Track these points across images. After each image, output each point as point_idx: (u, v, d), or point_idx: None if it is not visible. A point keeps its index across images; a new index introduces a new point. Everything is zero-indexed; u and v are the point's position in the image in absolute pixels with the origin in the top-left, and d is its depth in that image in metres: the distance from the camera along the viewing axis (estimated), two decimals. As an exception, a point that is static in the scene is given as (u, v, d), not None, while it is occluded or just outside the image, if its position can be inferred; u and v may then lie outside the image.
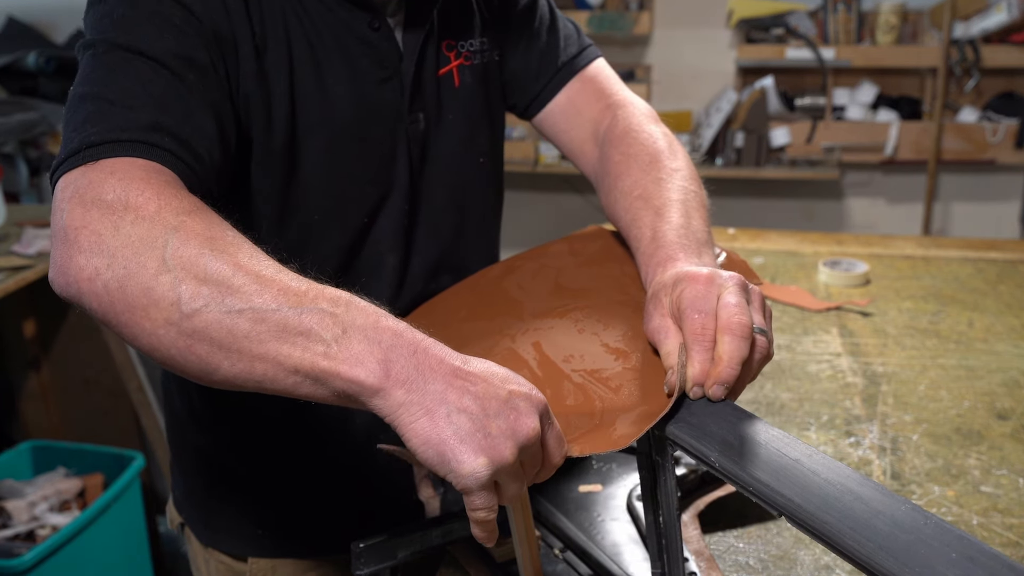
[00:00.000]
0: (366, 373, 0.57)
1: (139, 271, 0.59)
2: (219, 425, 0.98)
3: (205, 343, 0.58)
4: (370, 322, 0.59)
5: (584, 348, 0.78)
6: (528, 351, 0.79)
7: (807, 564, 0.87)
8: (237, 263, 0.60)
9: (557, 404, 0.71)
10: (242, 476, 0.99)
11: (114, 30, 0.75)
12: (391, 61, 0.90)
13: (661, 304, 0.71)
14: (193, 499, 1.03)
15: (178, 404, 1.00)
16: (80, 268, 0.61)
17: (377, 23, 0.88)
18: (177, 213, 0.62)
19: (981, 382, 1.26)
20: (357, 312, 0.59)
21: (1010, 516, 0.94)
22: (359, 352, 0.57)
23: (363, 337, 0.58)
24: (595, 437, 0.67)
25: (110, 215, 0.61)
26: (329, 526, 1.00)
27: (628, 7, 3.69)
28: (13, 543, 1.99)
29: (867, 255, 1.86)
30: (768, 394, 1.23)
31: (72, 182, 0.65)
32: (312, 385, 0.58)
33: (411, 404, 0.57)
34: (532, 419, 0.59)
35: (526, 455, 0.59)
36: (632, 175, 0.90)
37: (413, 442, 0.57)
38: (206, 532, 1.02)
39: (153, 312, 0.59)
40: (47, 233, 2.27)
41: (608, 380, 0.72)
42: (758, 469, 0.59)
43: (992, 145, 3.51)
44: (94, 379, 2.60)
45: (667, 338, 0.69)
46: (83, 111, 0.70)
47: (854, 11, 3.52)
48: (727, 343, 0.65)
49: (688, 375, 0.65)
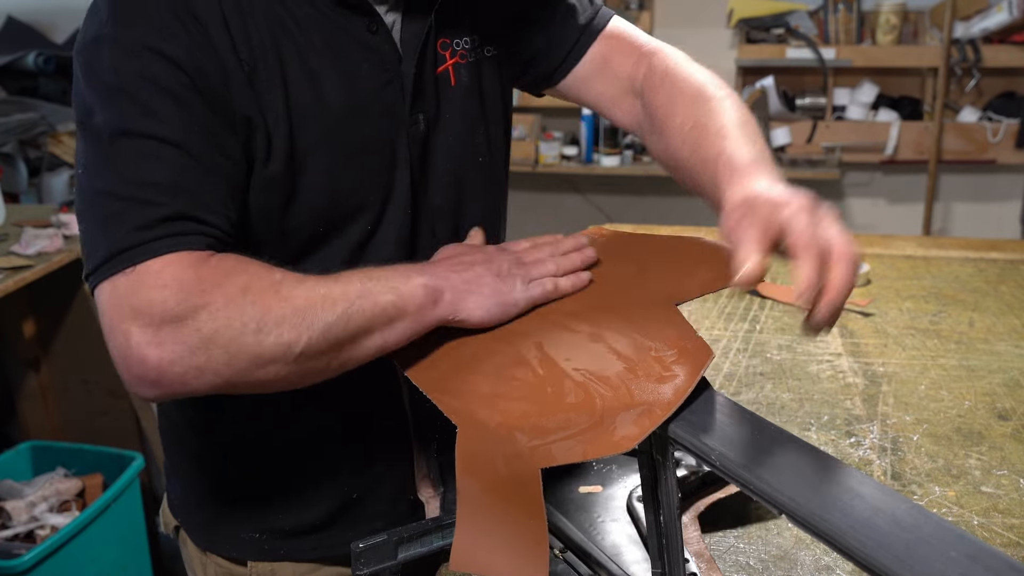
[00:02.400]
0: (423, 297, 0.79)
1: (242, 348, 0.71)
2: (217, 430, 0.97)
3: (318, 360, 0.75)
4: (387, 270, 0.80)
5: (585, 348, 0.78)
6: (530, 350, 0.79)
7: (807, 564, 0.87)
8: (304, 296, 0.75)
9: (558, 402, 0.71)
10: (241, 480, 0.98)
11: (109, 109, 0.76)
12: (391, 63, 0.88)
13: (755, 212, 0.71)
14: (190, 503, 1.02)
15: (174, 410, 0.99)
16: (181, 375, 0.71)
17: (375, 26, 0.87)
18: (237, 287, 0.73)
19: (982, 382, 1.26)
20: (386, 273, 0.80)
21: (1011, 516, 0.94)
22: (414, 288, 0.79)
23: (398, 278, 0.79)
24: (597, 439, 0.67)
25: (185, 322, 0.70)
26: (329, 529, 0.99)
27: (628, 7, 3.69)
28: (12, 543, 1.99)
29: (868, 255, 1.86)
30: (768, 394, 1.23)
31: (119, 295, 0.72)
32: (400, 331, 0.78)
33: (453, 301, 0.81)
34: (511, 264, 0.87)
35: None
36: (681, 112, 0.92)
37: (479, 318, 0.82)
38: (204, 536, 1.01)
39: (270, 368, 0.73)
40: (47, 233, 2.27)
41: (609, 379, 0.72)
42: (759, 467, 0.59)
43: (993, 145, 3.51)
44: (94, 379, 2.60)
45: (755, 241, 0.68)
46: (100, 208, 0.75)
47: (854, 11, 3.52)
48: (842, 269, 0.67)
49: (799, 280, 0.66)
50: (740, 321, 1.51)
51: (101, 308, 0.73)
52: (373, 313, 0.77)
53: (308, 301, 0.74)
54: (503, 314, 0.83)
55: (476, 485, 0.66)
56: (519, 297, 0.84)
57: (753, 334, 1.45)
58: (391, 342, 0.79)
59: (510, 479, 0.66)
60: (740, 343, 1.41)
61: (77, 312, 2.52)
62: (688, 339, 0.75)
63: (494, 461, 0.67)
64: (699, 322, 1.51)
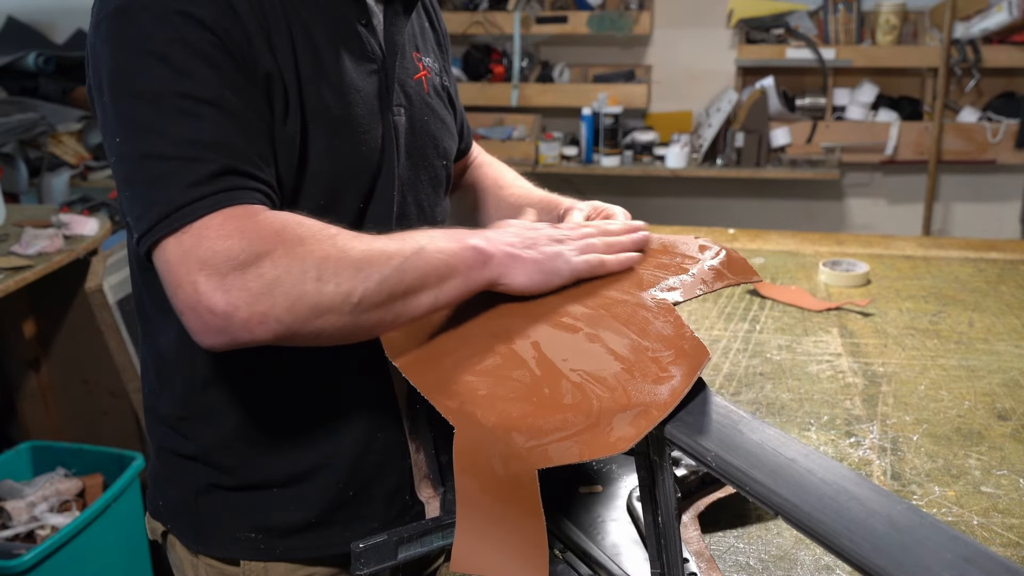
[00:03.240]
0: (472, 260, 0.82)
1: (303, 295, 0.73)
2: (208, 430, 0.96)
3: (373, 312, 0.77)
4: (436, 231, 0.83)
5: (582, 349, 0.78)
6: (527, 350, 0.79)
7: (807, 564, 0.87)
8: (361, 249, 0.77)
9: (555, 403, 0.71)
10: (233, 480, 0.97)
11: (145, 73, 0.78)
12: (376, 55, 0.95)
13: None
14: (182, 505, 1.01)
15: (164, 411, 0.99)
16: (246, 320, 0.73)
17: (365, 19, 0.93)
18: (296, 237, 0.75)
19: (982, 382, 1.26)
20: (438, 234, 0.83)
21: (1010, 516, 0.94)
22: (462, 247, 0.82)
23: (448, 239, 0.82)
24: (593, 440, 0.67)
25: (248, 268, 0.73)
26: (325, 528, 0.99)
27: (628, 7, 3.69)
28: (13, 543, 1.99)
29: (867, 255, 1.86)
30: (768, 394, 1.23)
31: (181, 250, 0.74)
32: (451, 289, 0.81)
33: (500, 263, 0.83)
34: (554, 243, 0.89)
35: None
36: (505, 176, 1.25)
37: (521, 283, 0.84)
38: (196, 538, 1.00)
39: (329, 317, 0.75)
40: (47, 233, 2.27)
41: (605, 380, 0.72)
42: (755, 469, 0.59)
43: (992, 145, 3.51)
44: (94, 379, 2.60)
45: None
46: (147, 171, 0.77)
47: (854, 11, 3.52)
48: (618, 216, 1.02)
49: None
50: (740, 321, 1.51)
51: (165, 266, 0.75)
52: (426, 270, 0.79)
53: (364, 254, 0.77)
54: (545, 282, 0.86)
55: (475, 485, 0.66)
56: (563, 267, 0.87)
57: (753, 334, 1.45)
58: (442, 300, 0.82)
59: (508, 480, 0.66)
60: (740, 343, 1.41)
61: (77, 312, 2.52)
62: (685, 340, 0.75)
63: (491, 461, 0.67)
64: (699, 322, 1.51)
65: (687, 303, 0.86)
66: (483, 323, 0.86)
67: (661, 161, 3.69)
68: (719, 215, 3.91)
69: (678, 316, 0.79)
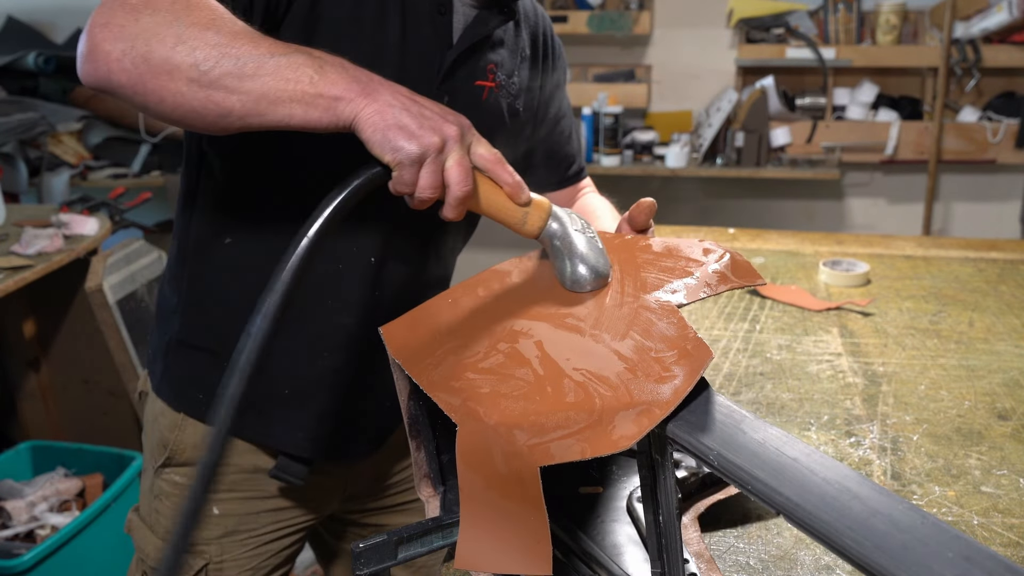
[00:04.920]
0: (340, 90, 0.76)
1: (159, 46, 0.76)
2: (189, 287, 1.08)
3: (220, 91, 0.76)
4: (338, 61, 0.78)
5: (585, 348, 0.78)
6: (530, 349, 0.79)
7: (807, 564, 0.87)
8: (235, 31, 0.77)
9: (557, 401, 0.71)
10: (197, 339, 1.08)
11: None
12: (440, 46, 1.01)
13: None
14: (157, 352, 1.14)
15: (171, 300, 1.12)
16: (107, 53, 0.77)
17: (444, 8, 1.00)
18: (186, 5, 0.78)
19: (982, 382, 1.26)
20: (327, 55, 0.79)
21: (1011, 516, 0.94)
22: (335, 79, 0.76)
23: (336, 69, 0.77)
24: (595, 438, 0.67)
25: (131, 11, 0.77)
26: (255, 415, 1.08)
27: (628, 7, 3.69)
28: (12, 543, 1.99)
29: (867, 255, 1.86)
30: (768, 394, 1.23)
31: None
32: (303, 108, 0.76)
33: (368, 106, 0.76)
34: (453, 128, 0.77)
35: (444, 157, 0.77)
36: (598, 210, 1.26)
37: (367, 131, 0.75)
38: (159, 382, 1.13)
39: (176, 75, 0.76)
40: (47, 233, 2.27)
41: (608, 379, 0.72)
42: (757, 468, 0.59)
43: (992, 145, 3.51)
44: (94, 379, 2.60)
45: None
46: None
47: (854, 11, 3.52)
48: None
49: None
50: (740, 321, 1.51)
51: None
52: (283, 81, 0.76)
53: (234, 35, 0.77)
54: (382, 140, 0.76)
55: (478, 482, 0.66)
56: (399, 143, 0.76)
57: (753, 334, 1.45)
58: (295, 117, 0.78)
59: (510, 477, 0.66)
60: (740, 343, 1.41)
61: (77, 312, 2.52)
62: (688, 340, 0.75)
63: (494, 459, 0.67)
64: (699, 322, 1.51)
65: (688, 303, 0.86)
66: (486, 322, 0.86)
67: (661, 161, 3.69)
68: (719, 215, 3.90)
69: (681, 317, 0.79)
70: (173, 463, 1.12)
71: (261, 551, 1.15)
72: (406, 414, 0.97)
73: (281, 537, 1.17)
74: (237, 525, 1.13)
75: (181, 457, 1.12)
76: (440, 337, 0.83)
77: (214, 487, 0.68)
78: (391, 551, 0.83)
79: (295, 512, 1.16)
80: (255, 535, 1.14)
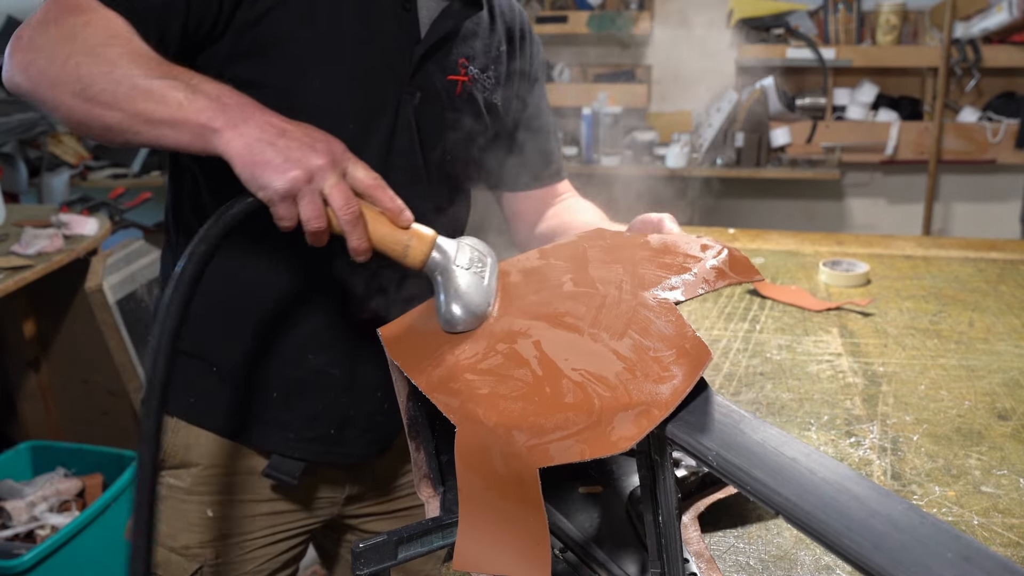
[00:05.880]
0: (206, 118, 0.77)
1: (54, 59, 0.82)
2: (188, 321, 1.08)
3: (100, 106, 0.80)
4: (215, 90, 0.80)
5: (584, 347, 0.78)
6: (529, 350, 0.79)
7: (807, 564, 0.87)
8: (124, 52, 0.81)
9: (556, 402, 0.71)
10: (189, 346, 1.07)
11: None
12: (406, 41, 1.01)
13: None
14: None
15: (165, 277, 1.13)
16: (18, 61, 0.84)
17: (409, 5, 1.01)
18: (85, 21, 0.83)
19: (982, 382, 1.26)
20: (208, 83, 0.81)
21: (1011, 516, 0.94)
22: (203, 106, 0.78)
23: (206, 96, 0.79)
24: (594, 439, 0.67)
25: (40, 26, 0.84)
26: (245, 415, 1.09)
27: (628, 7, 3.69)
28: (12, 543, 1.99)
29: (867, 255, 1.86)
30: (768, 394, 1.23)
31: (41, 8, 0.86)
32: (173, 131, 0.79)
33: (237, 139, 0.77)
34: (321, 157, 0.77)
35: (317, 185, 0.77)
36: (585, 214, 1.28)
37: (237, 165, 0.76)
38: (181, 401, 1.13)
39: (64, 88, 0.81)
40: (47, 233, 2.27)
41: (607, 380, 0.72)
42: (756, 468, 0.59)
43: (992, 145, 3.51)
44: (94, 379, 2.60)
45: None
46: None
47: (854, 11, 3.52)
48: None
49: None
50: (740, 321, 1.51)
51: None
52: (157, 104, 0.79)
53: (120, 56, 0.81)
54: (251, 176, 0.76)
55: (477, 483, 0.66)
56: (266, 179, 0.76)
57: (753, 334, 1.45)
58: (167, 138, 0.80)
59: (509, 478, 0.66)
60: (740, 343, 1.41)
61: (77, 312, 2.52)
62: (687, 339, 0.75)
63: (493, 460, 0.67)
64: (699, 322, 1.51)
65: (687, 302, 0.86)
66: (485, 322, 0.86)
67: (661, 161, 3.69)
68: (719, 215, 3.90)
69: (680, 316, 0.79)
70: (167, 466, 1.12)
71: (258, 555, 1.15)
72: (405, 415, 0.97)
73: (278, 541, 1.16)
74: (233, 528, 1.13)
75: (175, 460, 1.12)
76: (438, 338, 0.83)
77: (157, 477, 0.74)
78: (391, 551, 0.83)
79: (292, 516, 1.16)
80: (251, 538, 1.14)
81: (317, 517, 1.19)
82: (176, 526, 1.12)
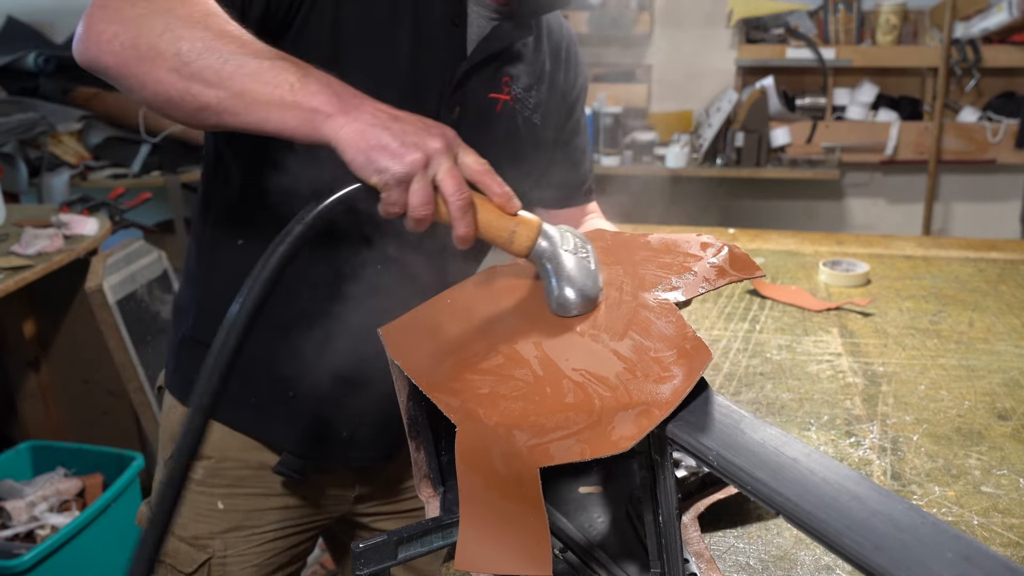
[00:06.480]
0: (319, 102, 0.75)
1: (148, 33, 0.77)
2: (202, 284, 1.10)
3: (199, 83, 0.76)
4: (324, 75, 0.77)
5: (584, 348, 0.78)
6: (529, 350, 0.79)
7: (807, 564, 0.87)
8: (224, 29, 0.78)
9: (557, 402, 0.71)
10: (205, 335, 1.07)
11: None
12: (452, 59, 1.01)
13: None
14: (171, 348, 1.17)
15: (186, 298, 1.14)
16: (100, 33, 0.79)
17: (459, 20, 1.00)
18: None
19: (982, 382, 1.26)
20: (316, 70, 0.78)
21: (1011, 516, 0.94)
22: (316, 90, 0.75)
23: (318, 81, 0.76)
24: (595, 438, 0.67)
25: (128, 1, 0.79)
26: (256, 412, 1.09)
27: (628, 7, 3.69)
28: (12, 543, 1.99)
29: (867, 255, 1.86)
30: (768, 394, 1.23)
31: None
32: (280, 114, 0.75)
33: (350, 123, 0.74)
34: (438, 141, 0.75)
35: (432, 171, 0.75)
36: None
37: (349, 151, 0.74)
38: (171, 376, 1.16)
39: (159, 62, 0.77)
40: (47, 233, 2.27)
41: (607, 380, 0.72)
42: (756, 468, 0.59)
43: (992, 145, 3.51)
44: (94, 379, 2.60)
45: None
46: None
47: (854, 11, 3.52)
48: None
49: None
50: (740, 321, 1.51)
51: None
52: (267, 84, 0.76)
53: (221, 34, 0.78)
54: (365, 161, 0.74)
55: (478, 483, 0.66)
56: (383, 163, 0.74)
57: (753, 334, 1.45)
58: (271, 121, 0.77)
59: (510, 478, 0.66)
60: (740, 343, 1.41)
61: (77, 312, 2.52)
62: (687, 340, 0.75)
63: (493, 460, 0.67)
64: (699, 322, 1.51)
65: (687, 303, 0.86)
66: (485, 322, 0.86)
67: (661, 161, 3.69)
68: (719, 215, 3.90)
69: (680, 316, 0.79)
70: None
71: (267, 548, 1.16)
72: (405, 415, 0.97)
73: (288, 536, 1.17)
74: (242, 521, 1.14)
75: None
76: (439, 338, 0.83)
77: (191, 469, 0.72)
78: (391, 551, 0.83)
79: (302, 511, 1.17)
80: (260, 532, 1.15)
81: (326, 514, 1.20)
82: (187, 516, 1.13)
